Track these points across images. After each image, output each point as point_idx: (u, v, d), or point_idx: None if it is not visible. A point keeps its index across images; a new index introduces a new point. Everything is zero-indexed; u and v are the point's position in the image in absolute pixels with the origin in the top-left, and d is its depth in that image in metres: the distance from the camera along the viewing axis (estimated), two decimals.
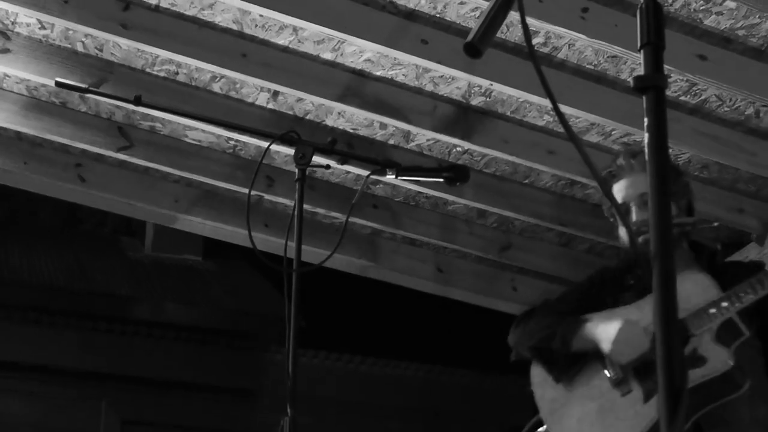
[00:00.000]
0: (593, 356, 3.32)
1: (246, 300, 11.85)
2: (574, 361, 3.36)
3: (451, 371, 11.90)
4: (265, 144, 4.15)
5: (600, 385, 3.31)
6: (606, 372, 3.30)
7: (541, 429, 3.41)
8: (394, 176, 3.54)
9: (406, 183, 5.36)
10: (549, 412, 3.39)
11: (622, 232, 3.46)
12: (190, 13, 4.32)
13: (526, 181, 5.44)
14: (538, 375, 3.46)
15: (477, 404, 11.74)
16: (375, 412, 11.43)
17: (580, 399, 3.32)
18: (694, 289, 3.22)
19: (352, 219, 5.36)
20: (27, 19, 4.40)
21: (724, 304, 3.17)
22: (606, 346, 3.22)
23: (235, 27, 4.38)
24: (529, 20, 3.81)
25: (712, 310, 3.17)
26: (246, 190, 5.16)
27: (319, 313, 11.57)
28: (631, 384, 3.25)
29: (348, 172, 5.39)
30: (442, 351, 12.89)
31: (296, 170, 3.30)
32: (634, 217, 3.36)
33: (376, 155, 4.65)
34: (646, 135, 1.48)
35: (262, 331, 11.25)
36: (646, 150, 1.48)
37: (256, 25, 4.37)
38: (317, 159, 3.42)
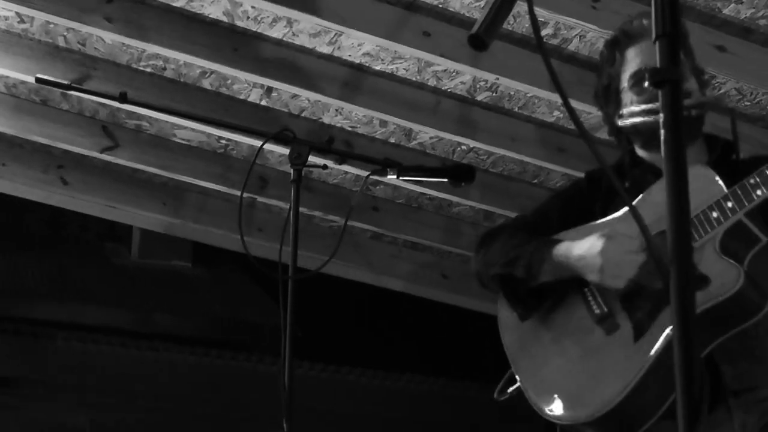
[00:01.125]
0: (569, 286, 2.83)
1: (239, 309, 11.82)
2: (545, 294, 2.88)
3: (457, 384, 11.89)
4: (258, 143, 4.15)
5: (580, 323, 2.80)
6: (587, 306, 2.80)
7: (515, 386, 2.93)
8: (395, 177, 3.54)
9: (408, 184, 5.36)
10: (520, 363, 2.89)
11: (628, 109, 2.93)
12: (177, 4, 4.32)
13: (536, 180, 5.44)
14: (505, 314, 2.98)
15: (482, 418, 11.73)
16: (376, 428, 11.41)
17: (558, 343, 2.82)
18: (692, 186, 2.76)
19: (350, 222, 5.36)
20: (5, 12, 4.41)
21: (729, 204, 2.63)
22: (590, 270, 2.71)
23: (225, 19, 4.39)
24: (538, 10, 3.81)
25: (714, 214, 2.64)
26: (238, 192, 5.16)
27: (317, 323, 11.54)
28: (618, 318, 2.73)
29: (346, 173, 5.39)
30: (448, 363, 12.88)
31: (291, 171, 3.30)
32: (637, 97, 2.89)
33: (376, 154, 4.66)
34: (662, 132, 1.49)
35: (255, 342, 11.21)
36: (662, 144, 1.49)
37: (248, 18, 4.38)
38: (313, 159, 3.42)
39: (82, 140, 5.05)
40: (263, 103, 4.89)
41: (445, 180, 3.65)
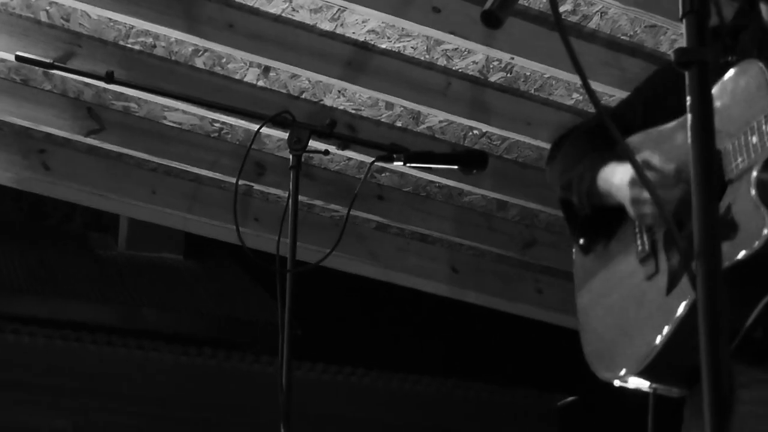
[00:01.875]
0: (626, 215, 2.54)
1: (233, 305, 11.86)
2: (605, 221, 2.64)
3: (466, 385, 11.91)
4: (255, 127, 4.15)
5: (627, 260, 2.57)
6: (635, 240, 2.53)
7: None
8: (401, 163, 3.54)
9: (415, 171, 5.36)
10: (579, 302, 2.71)
11: None
12: None
13: None
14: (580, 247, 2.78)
15: (492, 422, 11.75)
16: None
17: (606, 282, 2.62)
18: (742, 94, 2.28)
19: (353, 212, 5.36)
20: None
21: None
22: (625, 203, 2.46)
23: None
24: None
25: (754, 139, 2.21)
26: (233, 180, 5.16)
27: (317, 320, 11.57)
28: (659, 259, 2.45)
29: (349, 159, 5.39)
30: (456, 362, 12.90)
31: (290, 156, 3.30)
32: None
33: (381, 139, 4.66)
34: (689, 116, 1.48)
35: (251, 341, 11.27)
36: (689, 135, 1.48)
37: None
38: (314, 144, 3.43)
39: (66, 123, 5.05)
40: (260, 83, 4.89)
41: (456, 167, 3.65)
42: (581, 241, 2.71)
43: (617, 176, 2.48)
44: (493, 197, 5.61)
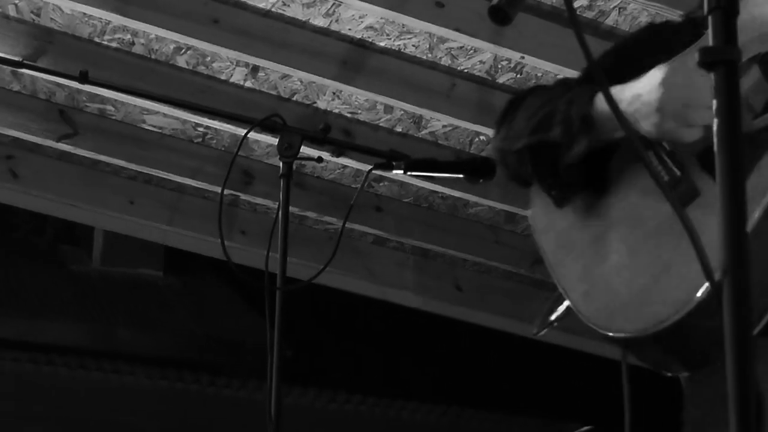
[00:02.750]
0: (623, 155, 2.44)
1: (217, 325, 11.84)
2: (589, 172, 2.48)
3: (471, 413, 11.89)
4: (242, 131, 4.15)
5: (643, 198, 2.40)
6: (652, 172, 2.31)
7: (561, 308, 2.63)
8: (401, 172, 3.55)
9: (416, 180, 5.36)
10: (565, 269, 2.56)
11: None
12: None
13: None
14: (539, 207, 2.63)
15: None
16: None
17: (615, 230, 2.44)
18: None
19: (349, 225, 5.36)
20: None
21: None
22: (646, 114, 2.29)
23: None
24: None
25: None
26: (218, 189, 5.16)
27: (309, 342, 11.55)
28: (697, 181, 2.31)
29: (345, 167, 5.40)
30: (459, 388, 12.89)
31: (281, 164, 3.31)
32: None
33: (379, 145, 4.66)
34: (716, 121, 1.48)
35: (237, 364, 11.24)
36: (714, 140, 1.48)
37: None
38: (306, 150, 3.43)
39: (36, 127, 5.05)
40: (248, 84, 4.90)
41: (461, 176, 3.65)
42: (555, 190, 2.51)
43: (626, 93, 2.32)
44: (501, 209, 5.61)
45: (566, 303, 2.48)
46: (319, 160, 3.80)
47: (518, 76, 4.78)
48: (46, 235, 14.19)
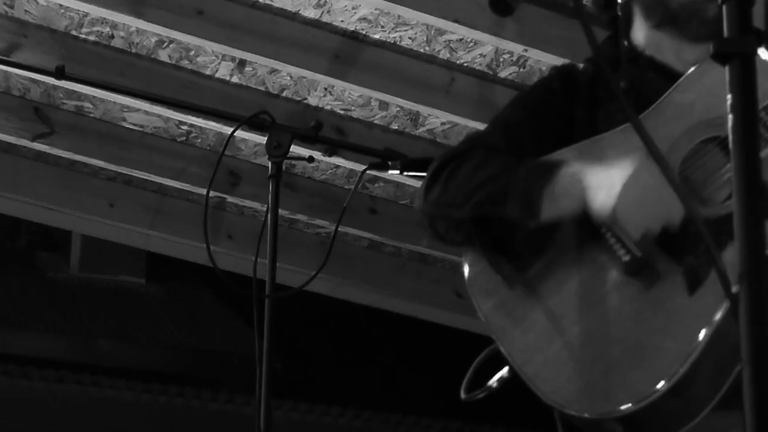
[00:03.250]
0: (578, 228, 2.53)
1: (203, 335, 11.85)
2: (540, 242, 2.58)
3: (472, 428, 11.90)
4: (228, 130, 4.15)
5: (600, 277, 2.51)
6: (608, 252, 2.47)
7: (502, 373, 2.66)
8: (398, 172, 3.55)
9: (414, 180, 5.36)
10: (512, 338, 2.62)
11: None
12: None
13: None
14: (478, 272, 2.74)
15: None
16: None
17: (570, 306, 2.54)
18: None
19: (342, 228, 5.36)
20: None
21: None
22: (610, 211, 2.42)
23: None
24: None
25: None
26: (203, 191, 5.16)
27: (300, 353, 11.55)
28: (658, 264, 2.44)
29: (337, 167, 5.40)
30: (460, 402, 12.89)
31: (269, 164, 3.30)
32: None
33: (374, 144, 4.66)
34: (730, 117, 1.48)
35: (224, 376, 11.24)
36: (729, 136, 1.48)
37: None
38: (297, 149, 3.43)
39: (9, 125, 5.05)
40: (234, 79, 4.90)
41: None
42: (506, 271, 2.64)
43: (590, 179, 2.46)
44: None
45: (507, 369, 2.63)
46: (310, 159, 3.80)
47: (521, 70, 4.78)
48: (20, 240, 14.19)
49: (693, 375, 2.33)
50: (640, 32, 2.70)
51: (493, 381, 2.69)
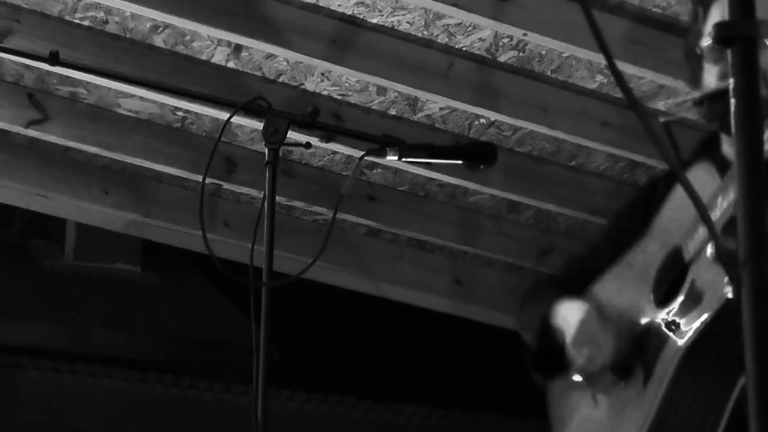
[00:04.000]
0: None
1: (199, 324, 11.85)
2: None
3: (471, 417, 11.91)
4: (224, 116, 4.15)
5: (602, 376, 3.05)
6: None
7: None
8: (396, 158, 3.54)
9: (412, 167, 5.36)
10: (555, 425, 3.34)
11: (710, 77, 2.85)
12: None
13: (573, 163, 5.45)
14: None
15: None
16: None
17: (584, 398, 3.13)
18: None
19: (340, 215, 5.36)
20: None
21: (720, 200, 2.64)
22: (569, 336, 2.97)
23: None
24: None
25: (701, 231, 2.72)
26: (199, 178, 5.16)
27: (298, 341, 11.56)
28: (635, 363, 2.91)
29: (335, 153, 5.40)
30: (459, 390, 12.90)
31: (266, 150, 3.30)
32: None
33: (372, 130, 4.66)
34: (733, 101, 1.48)
35: (221, 366, 11.25)
36: (732, 123, 1.48)
37: None
38: (294, 135, 3.42)
39: (3, 112, 5.05)
40: (230, 65, 4.90)
41: (460, 162, 3.65)
42: (538, 377, 3.27)
43: (565, 318, 3.01)
44: (503, 197, 5.62)
45: None
46: (308, 146, 3.79)
47: (520, 54, 4.77)
48: (14, 228, 14.19)
49: None
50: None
51: None
